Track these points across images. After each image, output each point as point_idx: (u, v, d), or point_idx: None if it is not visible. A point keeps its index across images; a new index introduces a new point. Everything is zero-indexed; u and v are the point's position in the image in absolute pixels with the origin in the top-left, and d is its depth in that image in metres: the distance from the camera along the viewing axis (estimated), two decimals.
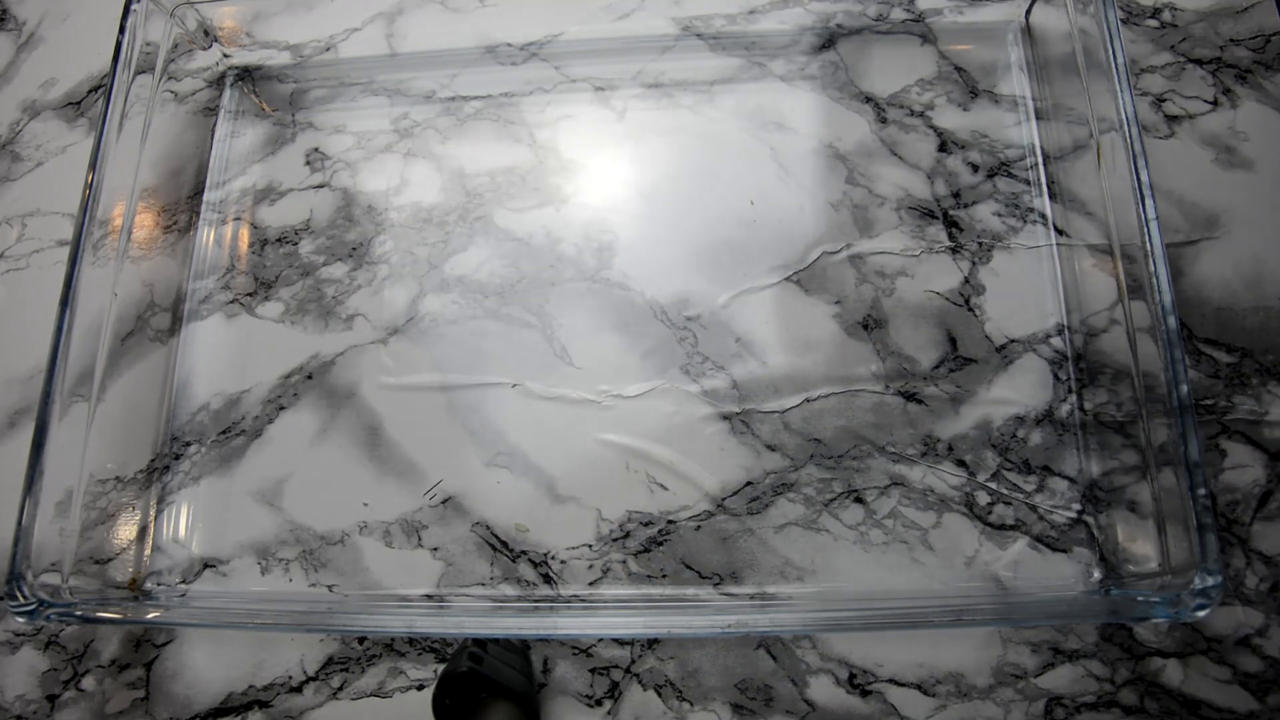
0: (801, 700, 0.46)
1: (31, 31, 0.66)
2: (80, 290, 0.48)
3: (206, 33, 0.57)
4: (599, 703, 0.47)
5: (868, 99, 0.55)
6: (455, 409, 0.51)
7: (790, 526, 0.47)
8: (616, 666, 0.47)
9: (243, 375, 0.54)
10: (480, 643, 0.46)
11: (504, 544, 0.49)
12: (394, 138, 0.58)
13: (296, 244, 0.56)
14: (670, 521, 0.48)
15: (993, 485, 0.47)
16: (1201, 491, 0.38)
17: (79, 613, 0.44)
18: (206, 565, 0.51)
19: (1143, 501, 0.44)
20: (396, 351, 0.53)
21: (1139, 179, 0.43)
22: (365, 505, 0.50)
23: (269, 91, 0.60)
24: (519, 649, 0.47)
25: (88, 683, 0.50)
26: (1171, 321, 0.40)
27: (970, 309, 0.50)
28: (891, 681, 0.46)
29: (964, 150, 0.53)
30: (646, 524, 0.48)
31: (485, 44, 0.58)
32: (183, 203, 0.57)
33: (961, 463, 0.48)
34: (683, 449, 0.49)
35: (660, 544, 0.48)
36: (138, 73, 0.52)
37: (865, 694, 0.45)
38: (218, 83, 0.60)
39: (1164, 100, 0.53)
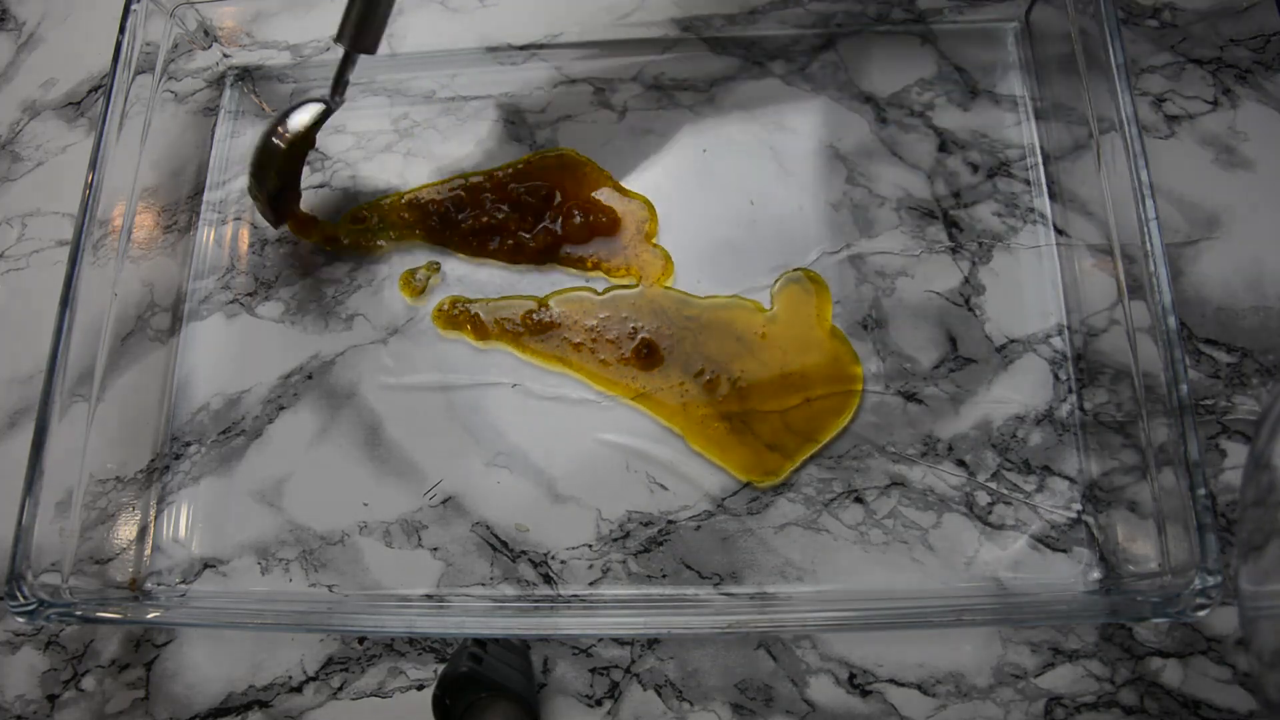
0: (801, 700, 0.46)
1: (31, 31, 0.66)
2: (80, 290, 0.48)
3: (206, 33, 0.57)
4: (599, 703, 0.47)
5: (868, 99, 0.55)
6: (455, 409, 0.51)
7: (790, 526, 0.48)
8: (616, 666, 0.47)
9: (243, 375, 0.54)
10: (480, 643, 0.46)
11: (504, 544, 0.49)
12: (394, 138, 0.58)
13: (296, 244, 0.56)
14: (670, 521, 0.48)
15: (993, 485, 0.47)
16: (1201, 491, 0.38)
17: (79, 613, 0.44)
18: (206, 565, 0.51)
19: (1143, 501, 0.44)
20: (396, 351, 0.53)
21: (1139, 179, 0.43)
22: (365, 505, 0.50)
23: (269, 91, 0.60)
24: (519, 649, 0.47)
25: (88, 683, 0.50)
26: (1171, 321, 0.41)
27: (970, 309, 0.50)
28: (891, 681, 0.46)
29: (964, 150, 0.53)
30: (646, 524, 0.48)
31: (485, 44, 0.59)
32: (183, 203, 0.57)
33: (961, 463, 0.48)
34: (683, 449, 0.49)
35: (660, 544, 0.48)
36: (138, 73, 0.52)
37: (865, 694, 0.45)
38: (218, 83, 0.60)
39: (1164, 100, 0.53)
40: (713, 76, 0.56)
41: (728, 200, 0.53)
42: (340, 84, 0.52)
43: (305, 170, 0.58)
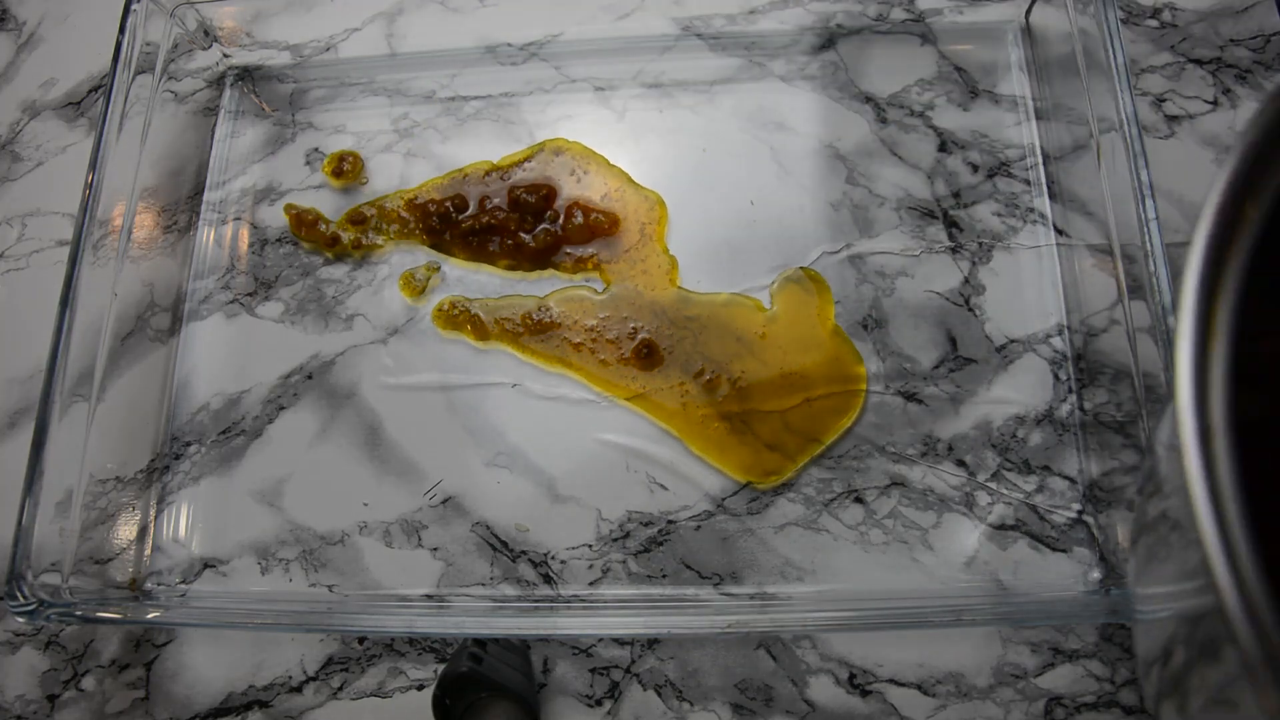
0: (801, 700, 0.46)
1: (31, 31, 0.66)
2: (80, 290, 0.48)
3: (206, 33, 0.57)
4: (599, 703, 0.47)
5: (868, 99, 0.55)
6: (455, 409, 0.51)
7: (790, 526, 0.47)
8: (616, 666, 0.47)
9: (243, 375, 0.54)
10: (480, 643, 0.46)
11: (504, 544, 0.49)
12: (394, 138, 0.58)
13: (296, 244, 0.56)
14: (670, 521, 0.48)
15: (993, 485, 0.47)
16: None
17: (79, 613, 0.44)
18: (206, 565, 0.51)
19: None
20: (396, 351, 0.53)
21: (1139, 179, 0.43)
22: (365, 505, 0.50)
23: (269, 91, 0.60)
24: (519, 649, 0.47)
25: (88, 683, 0.50)
26: (1171, 321, 0.40)
27: (970, 309, 0.50)
28: (891, 681, 0.46)
29: (964, 150, 0.53)
30: (646, 524, 0.48)
31: (485, 44, 0.58)
32: (183, 203, 0.57)
33: (961, 463, 0.48)
34: (682, 449, 0.49)
35: (660, 544, 0.48)
36: (138, 73, 0.52)
37: (865, 694, 0.45)
38: (218, 83, 0.60)
39: (1164, 100, 0.53)
40: (713, 76, 0.56)
41: (728, 200, 0.53)
42: None
43: (305, 170, 0.58)
